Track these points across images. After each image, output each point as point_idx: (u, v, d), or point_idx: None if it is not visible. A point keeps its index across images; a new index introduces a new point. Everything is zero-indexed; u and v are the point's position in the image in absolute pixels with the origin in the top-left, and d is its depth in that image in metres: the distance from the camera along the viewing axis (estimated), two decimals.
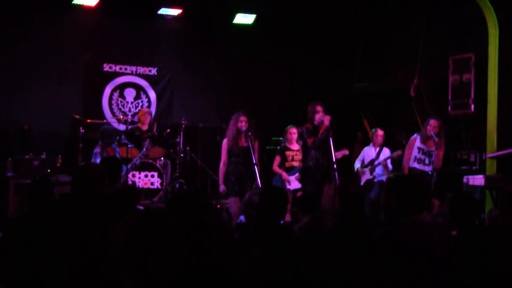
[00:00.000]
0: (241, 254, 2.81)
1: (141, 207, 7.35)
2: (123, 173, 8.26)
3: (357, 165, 8.90)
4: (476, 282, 3.40)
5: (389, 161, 8.58)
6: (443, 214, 4.21)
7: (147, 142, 8.79)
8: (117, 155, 8.63)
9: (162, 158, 9.18)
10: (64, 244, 3.45)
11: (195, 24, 10.99)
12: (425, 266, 3.10)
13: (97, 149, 8.55)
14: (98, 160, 8.43)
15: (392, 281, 3.01)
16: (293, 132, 8.09)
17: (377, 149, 8.70)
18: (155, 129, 9.46)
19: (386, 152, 8.67)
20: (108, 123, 9.60)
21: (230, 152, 7.62)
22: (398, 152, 8.37)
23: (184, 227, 3.05)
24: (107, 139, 8.43)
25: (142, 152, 8.73)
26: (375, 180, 8.52)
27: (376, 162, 8.62)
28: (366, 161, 8.78)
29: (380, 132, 8.85)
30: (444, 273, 3.12)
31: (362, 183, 8.58)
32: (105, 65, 10.49)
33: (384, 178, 8.48)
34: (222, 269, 2.79)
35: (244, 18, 11.04)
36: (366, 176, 8.61)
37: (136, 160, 8.67)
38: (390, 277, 3.02)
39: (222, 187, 7.59)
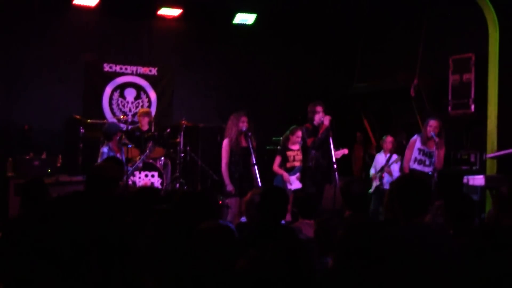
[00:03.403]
0: (241, 254, 2.81)
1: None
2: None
3: (372, 172, 8.91)
4: (475, 283, 3.40)
5: (394, 168, 8.55)
6: (442, 215, 4.21)
7: (150, 144, 8.78)
8: (121, 156, 8.62)
9: (162, 158, 9.18)
10: (71, 244, 3.45)
11: (195, 24, 10.98)
12: (430, 268, 3.09)
13: (105, 149, 8.54)
14: None
15: (397, 283, 3.01)
16: (300, 135, 8.04)
17: (387, 155, 8.68)
18: (153, 129, 9.45)
19: (395, 158, 8.65)
20: (108, 123, 9.59)
21: (231, 152, 7.62)
22: (395, 157, 8.41)
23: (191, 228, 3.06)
24: (112, 134, 8.48)
25: (145, 154, 8.71)
26: (383, 187, 8.48)
27: (384, 168, 8.61)
28: (378, 168, 8.78)
29: (389, 139, 8.85)
30: (448, 274, 3.12)
31: (372, 190, 8.55)
32: (105, 65, 10.49)
33: (388, 186, 8.40)
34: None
35: (244, 18, 11.04)
36: (376, 183, 8.61)
37: (139, 163, 8.67)
38: (394, 279, 3.02)
39: (230, 186, 7.58)
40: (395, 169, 8.56)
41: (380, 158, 8.85)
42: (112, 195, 4.01)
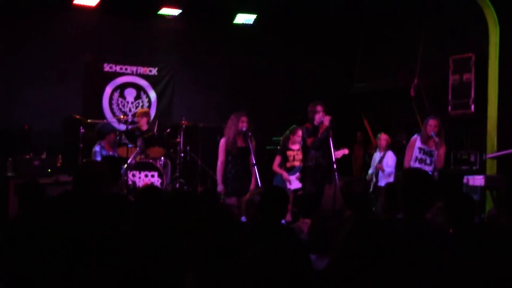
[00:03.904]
0: (241, 254, 2.81)
1: None
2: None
3: (369, 172, 8.90)
4: (474, 281, 3.40)
5: (386, 163, 8.54)
6: (442, 214, 4.22)
7: (139, 142, 8.82)
8: (114, 155, 8.66)
9: (162, 158, 9.18)
10: (65, 243, 3.45)
11: (195, 24, 10.99)
12: (430, 264, 3.10)
13: (97, 148, 8.60)
14: (98, 159, 8.50)
15: (397, 279, 3.01)
16: (300, 135, 8.04)
17: (382, 153, 8.68)
18: (155, 129, 9.47)
19: (389, 155, 8.63)
20: (102, 123, 9.56)
21: (228, 152, 7.61)
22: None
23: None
24: (105, 133, 8.56)
25: (136, 151, 8.74)
26: (378, 184, 8.46)
27: (376, 166, 8.61)
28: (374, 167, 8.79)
29: (383, 136, 8.82)
30: (447, 272, 3.13)
31: (371, 189, 8.54)
32: (105, 65, 10.50)
33: (382, 183, 8.38)
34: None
35: (244, 18, 11.04)
36: (372, 181, 8.61)
37: (131, 161, 8.68)
38: (394, 275, 3.02)
39: (220, 187, 7.58)
40: (388, 163, 8.55)
41: (376, 157, 8.85)
42: (102, 191, 3.99)
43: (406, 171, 3.72)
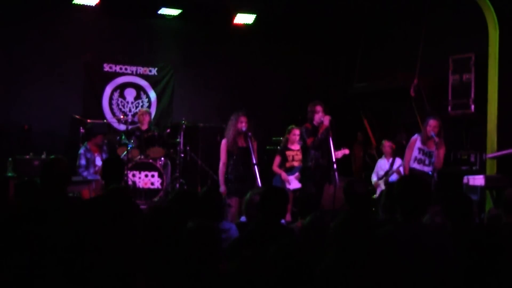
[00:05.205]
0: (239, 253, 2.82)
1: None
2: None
3: (374, 178, 8.88)
4: (473, 282, 3.40)
5: (402, 169, 8.55)
6: (441, 214, 4.22)
7: (133, 140, 8.81)
8: (102, 156, 8.66)
9: (162, 158, 9.19)
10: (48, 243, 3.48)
11: (195, 24, 10.99)
12: (426, 267, 3.10)
13: (82, 150, 8.62)
14: (83, 162, 8.50)
15: (393, 281, 3.02)
16: (297, 133, 8.07)
17: (390, 160, 8.67)
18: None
19: (398, 162, 8.64)
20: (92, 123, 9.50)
21: (229, 153, 7.61)
22: (399, 162, 8.42)
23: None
24: (91, 134, 8.59)
25: (126, 152, 8.75)
26: None
27: (390, 172, 8.60)
28: (380, 174, 8.76)
29: (387, 143, 8.85)
30: (444, 273, 3.13)
31: (377, 195, 8.52)
32: (105, 65, 10.50)
33: None
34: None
35: (244, 18, 11.04)
36: (381, 188, 8.59)
37: (124, 158, 8.68)
38: (391, 277, 3.02)
39: (222, 188, 7.58)
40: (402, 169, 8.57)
41: (382, 164, 8.84)
42: (66, 189, 4.09)
43: (404, 178, 3.74)
